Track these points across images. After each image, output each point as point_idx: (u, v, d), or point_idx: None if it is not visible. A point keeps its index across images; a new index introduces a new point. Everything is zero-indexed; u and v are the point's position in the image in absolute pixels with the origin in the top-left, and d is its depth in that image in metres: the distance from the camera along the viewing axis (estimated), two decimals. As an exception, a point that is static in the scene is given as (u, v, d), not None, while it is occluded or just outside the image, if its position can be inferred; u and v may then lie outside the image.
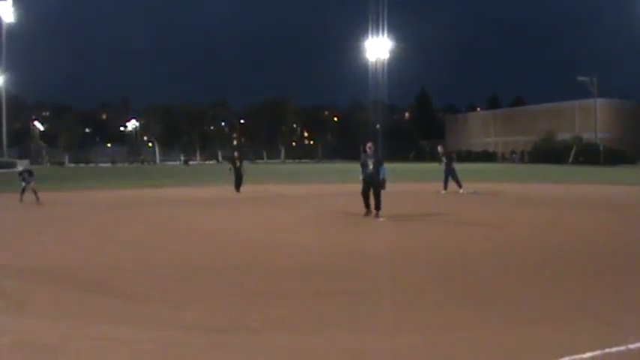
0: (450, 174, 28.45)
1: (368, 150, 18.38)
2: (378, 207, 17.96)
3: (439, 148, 31.43)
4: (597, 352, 5.95)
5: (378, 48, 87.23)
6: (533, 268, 10.71)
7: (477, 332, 6.87)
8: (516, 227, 16.69)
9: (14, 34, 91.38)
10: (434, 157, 53.78)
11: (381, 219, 17.57)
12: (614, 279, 9.69)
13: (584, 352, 5.96)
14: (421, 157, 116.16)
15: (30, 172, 26.32)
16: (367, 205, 18.22)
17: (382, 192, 18.01)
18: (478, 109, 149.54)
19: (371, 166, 18.02)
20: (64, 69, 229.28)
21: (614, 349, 6.03)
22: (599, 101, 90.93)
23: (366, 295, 8.77)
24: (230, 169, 29.95)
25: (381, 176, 18.00)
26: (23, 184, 25.26)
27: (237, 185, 29.18)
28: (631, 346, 6.14)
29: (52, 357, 6.20)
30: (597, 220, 18.20)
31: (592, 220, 18.18)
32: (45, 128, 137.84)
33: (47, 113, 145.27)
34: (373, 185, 18.01)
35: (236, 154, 31.99)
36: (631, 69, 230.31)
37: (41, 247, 13.67)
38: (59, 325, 7.23)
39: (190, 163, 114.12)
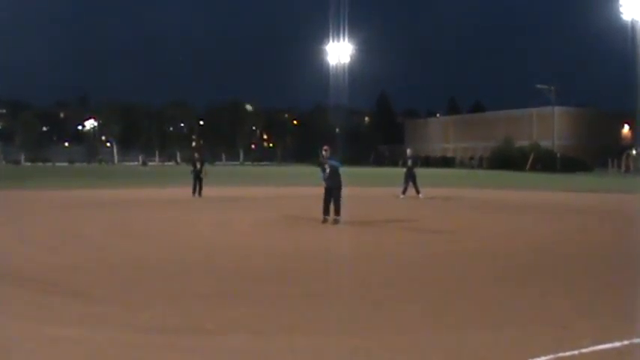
0: (410, 178, 28.54)
1: (324, 153, 18.06)
2: (337, 212, 17.85)
3: (408, 151, 31.44)
4: (551, 356, 6.00)
5: (339, 52, 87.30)
6: (491, 272, 10.80)
7: (432, 335, 6.90)
8: (474, 232, 16.82)
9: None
10: (395, 161, 53.85)
11: (340, 223, 17.52)
12: (570, 283, 9.81)
13: (538, 355, 6.01)
14: (380, 161, 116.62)
15: None
16: (326, 212, 17.94)
17: (342, 196, 17.91)
18: (438, 114, 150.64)
19: (327, 170, 17.81)
20: (20, 65, 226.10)
21: (567, 353, 6.09)
22: (557, 109, 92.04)
23: (324, 297, 8.78)
24: (192, 171, 29.52)
25: (332, 163, 17.81)
26: None
27: (199, 189, 28.67)
28: (584, 350, 6.20)
29: (5, 357, 6.10)
30: (554, 225, 18.39)
31: (548, 225, 18.36)
32: (0, 126, 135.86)
33: (3, 110, 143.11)
34: (333, 191, 17.86)
35: (196, 155, 31.59)
36: (588, 77, 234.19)
37: (-5, 246, 13.47)
38: (13, 325, 7.13)
39: (149, 163, 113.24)
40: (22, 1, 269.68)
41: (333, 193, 17.75)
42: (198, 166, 29.04)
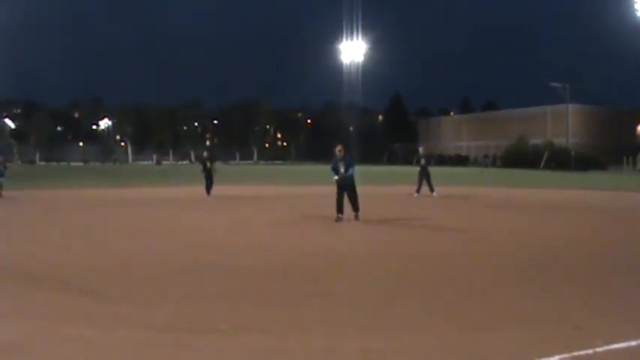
0: (424, 177, 28.52)
1: (337, 153, 18.00)
2: (355, 208, 17.83)
3: (420, 150, 31.42)
4: (565, 355, 5.98)
5: (352, 51, 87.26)
6: (501, 272, 10.76)
7: (445, 334, 6.89)
8: (487, 231, 16.75)
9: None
10: (409, 160, 53.85)
11: (355, 220, 17.49)
12: (583, 282, 9.75)
13: (552, 354, 5.99)
14: (394, 159, 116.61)
15: (5, 167, 26.73)
16: (340, 211, 17.87)
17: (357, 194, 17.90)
18: (452, 112, 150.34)
19: (342, 169, 17.75)
20: (34, 66, 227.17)
21: (582, 352, 6.07)
22: (571, 107, 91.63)
23: (338, 296, 8.77)
24: (202, 170, 29.54)
25: (348, 174, 17.74)
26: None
27: (208, 187, 28.71)
28: (598, 349, 6.18)
29: (19, 357, 6.14)
30: (567, 224, 18.32)
31: (562, 224, 18.28)
32: (16, 125, 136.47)
33: (18, 110, 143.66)
34: (347, 188, 17.85)
35: (205, 154, 31.58)
36: (603, 75, 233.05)
37: (9, 246, 13.51)
38: (26, 325, 7.16)
39: (163, 162, 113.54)
40: (35, 1, 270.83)
41: (347, 191, 17.74)
42: (209, 165, 29.05)
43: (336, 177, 17.89)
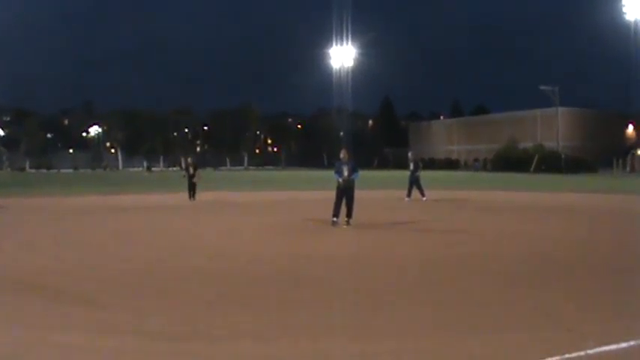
0: (414, 181, 28.58)
1: (342, 157, 18.17)
2: (349, 214, 17.83)
3: (410, 154, 31.59)
4: (556, 358, 6.00)
5: (342, 56, 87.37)
6: (494, 275, 10.77)
7: (437, 339, 6.89)
8: (478, 235, 16.75)
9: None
10: (399, 165, 53.99)
11: (346, 226, 17.51)
12: (574, 285, 9.78)
13: (543, 357, 6.02)
14: (384, 164, 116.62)
15: None
16: (336, 214, 17.94)
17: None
18: (441, 117, 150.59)
19: (345, 173, 17.79)
20: (24, 73, 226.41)
21: (573, 355, 6.09)
22: (561, 110, 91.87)
23: (330, 302, 8.77)
24: (184, 175, 29.69)
25: (352, 177, 17.87)
26: None
27: (193, 193, 28.77)
28: (590, 351, 6.20)
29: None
30: (558, 227, 18.35)
31: (553, 227, 18.33)
32: (5, 133, 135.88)
33: (8, 118, 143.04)
34: (347, 193, 17.93)
35: (189, 160, 31.66)
36: (592, 78, 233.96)
37: (1, 254, 13.46)
38: (19, 332, 7.13)
39: (153, 169, 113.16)
40: (26, 6, 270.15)
41: (346, 196, 17.82)
42: (192, 170, 29.15)
43: (340, 180, 17.88)
